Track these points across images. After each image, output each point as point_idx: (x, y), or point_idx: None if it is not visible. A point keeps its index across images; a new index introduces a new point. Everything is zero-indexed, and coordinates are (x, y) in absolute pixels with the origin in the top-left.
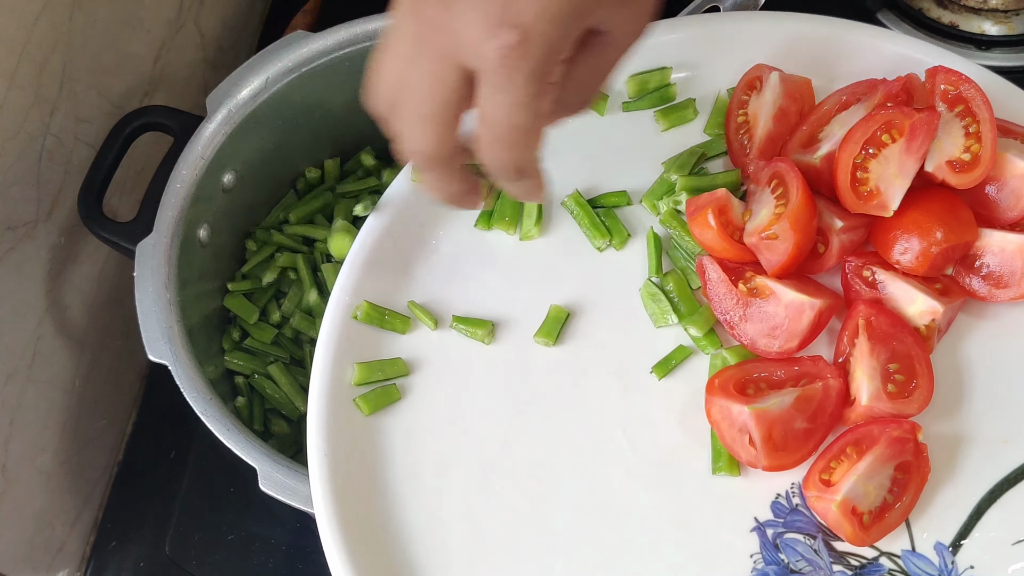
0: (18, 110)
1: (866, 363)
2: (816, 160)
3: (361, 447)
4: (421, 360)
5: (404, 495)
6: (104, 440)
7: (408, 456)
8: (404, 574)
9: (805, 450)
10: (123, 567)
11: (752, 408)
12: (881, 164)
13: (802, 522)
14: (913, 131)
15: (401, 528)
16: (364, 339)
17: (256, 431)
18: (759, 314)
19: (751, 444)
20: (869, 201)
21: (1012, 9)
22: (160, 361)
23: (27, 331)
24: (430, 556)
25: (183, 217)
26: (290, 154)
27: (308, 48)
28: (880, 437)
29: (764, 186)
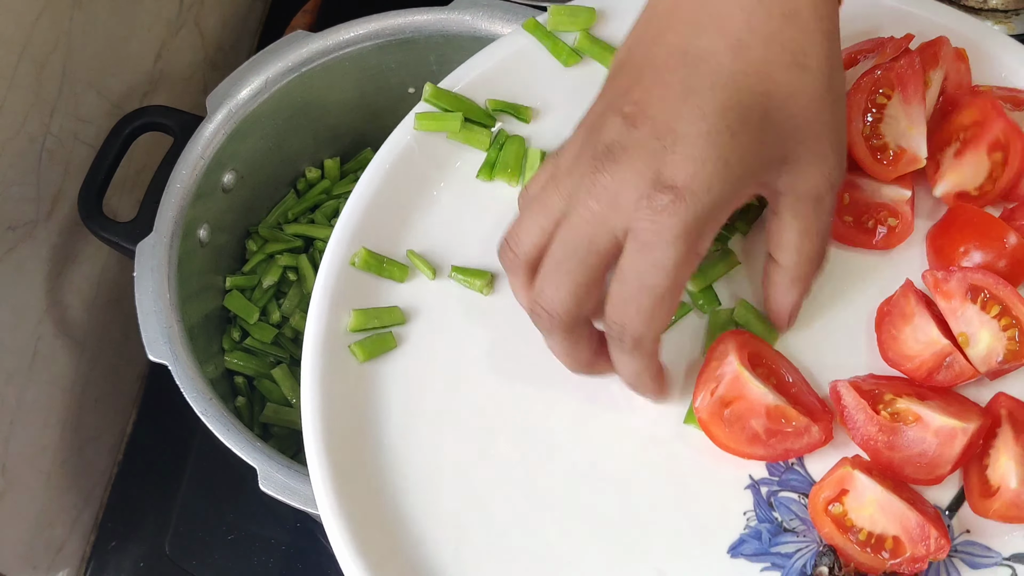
0: (18, 110)
1: (1011, 450)
2: None
3: (355, 396)
4: (418, 309)
5: (397, 446)
6: (104, 440)
7: (402, 407)
8: (395, 526)
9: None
10: (123, 567)
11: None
12: (891, 125)
13: (797, 480)
14: (901, 81)
15: (393, 480)
16: (361, 287)
17: (256, 431)
18: (904, 442)
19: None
20: (899, 162)
21: (1012, 9)
22: (160, 361)
23: (27, 331)
24: (422, 508)
25: (183, 217)
26: (290, 154)
27: (308, 48)
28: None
29: (962, 300)
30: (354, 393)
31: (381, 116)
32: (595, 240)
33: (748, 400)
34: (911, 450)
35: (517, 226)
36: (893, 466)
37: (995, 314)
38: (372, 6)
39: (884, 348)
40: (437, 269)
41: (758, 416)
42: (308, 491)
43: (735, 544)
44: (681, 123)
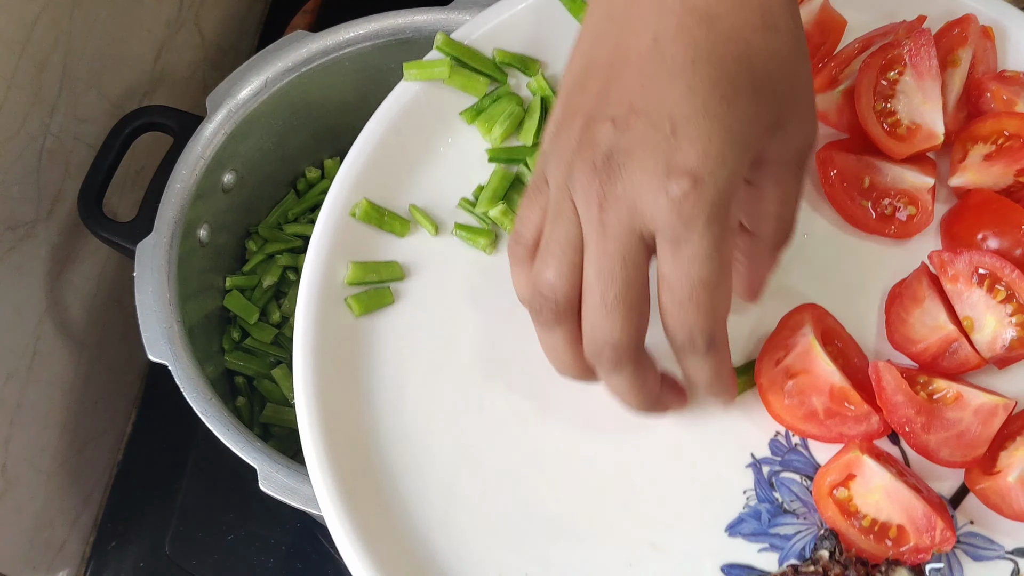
0: (18, 110)
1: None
2: (837, 95)
3: (348, 350)
4: (418, 265)
5: (390, 402)
6: (104, 440)
7: (396, 364)
8: (386, 483)
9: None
10: (123, 567)
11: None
12: (903, 100)
13: (800, 462)
14: (913, 57)
15: (385, 436)
16: (360, 239)
17: (256, 431)
18: (942, 422)
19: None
20: (913, 138)
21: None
22: (160, 361)
23: (27, 331)
24: (413, 466)
25: (183, 217)
26: (290, 154)
27: (308, 48)
28: None
29: (968, 284)
30: (347, 347)
31: None
32: (630, 255)
33: (814, 375)
34: (949, 431)
35: (541, 274)
36: (928, 448)
37: (1002, 299)
38: (372, 6)
39: (891, 330)
40: (439, 225)
41: (820, 394)
42: (308, 491)
43: (733, 523)
44: (675, 107)
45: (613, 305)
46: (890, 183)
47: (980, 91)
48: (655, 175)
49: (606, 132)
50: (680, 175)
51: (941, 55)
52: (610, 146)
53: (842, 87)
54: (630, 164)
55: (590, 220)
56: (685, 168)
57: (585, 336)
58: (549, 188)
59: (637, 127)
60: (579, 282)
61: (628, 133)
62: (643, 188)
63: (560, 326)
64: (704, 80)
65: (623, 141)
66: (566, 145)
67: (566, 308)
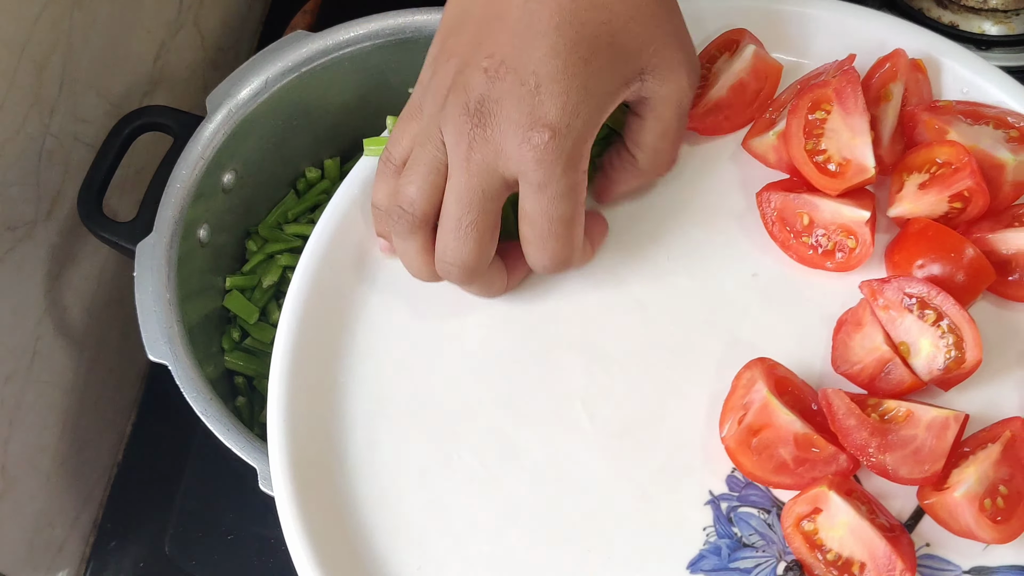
0: (18, 110)
1: (983, 468)
2: (773, 137)
3: (320, 419)
4: (390, 308)
5: (362, 457)
6: (104, 440)
7: (367, 427)
8: (358, 541)
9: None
10: (123, 567)
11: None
12: (833, 138)
13: (757, 496)
14: (840, 95)
15: (357, 491)
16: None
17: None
18: (897, 441)
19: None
20: (845, 173)
21: (1012, 9)
22: (160, 361)
23: (27, 331)
24: (386, 523)
25: (183, 217)
26: (290, 154)
27: (308, 48)
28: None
29: (900, 310)
30: (319, 420)
31: (381, 116)
32: (489, 190)
33: (776, 428)
34: (905, 449)
35: (404, 188)
36: (887, 468)
37: (932, 322)
38: (372, 6)
39: (835, 355)
40: None
41: (786, 444)
42: None
43: (694, 560)
44: (539, 65)
45: (467, 230)
46: (828, 219)
47: (913, 123)
48: (520, 126)
49: (478, 80)
50: (541, 127)
51: (875, 90)
52: (482, 93)
53: (776, 129)
54: (499, 113)
55: (457, 154)
56: (546, 121)
57: (437, 254)
58: (423, 116)
59: (507, 80)
60: (437, 202)
61: (498, 84)
62: (509, 136)
63: (414, 237)
64: (567, 42)
65: (494, 91)
66: (442, 83)
67: (422, 222)
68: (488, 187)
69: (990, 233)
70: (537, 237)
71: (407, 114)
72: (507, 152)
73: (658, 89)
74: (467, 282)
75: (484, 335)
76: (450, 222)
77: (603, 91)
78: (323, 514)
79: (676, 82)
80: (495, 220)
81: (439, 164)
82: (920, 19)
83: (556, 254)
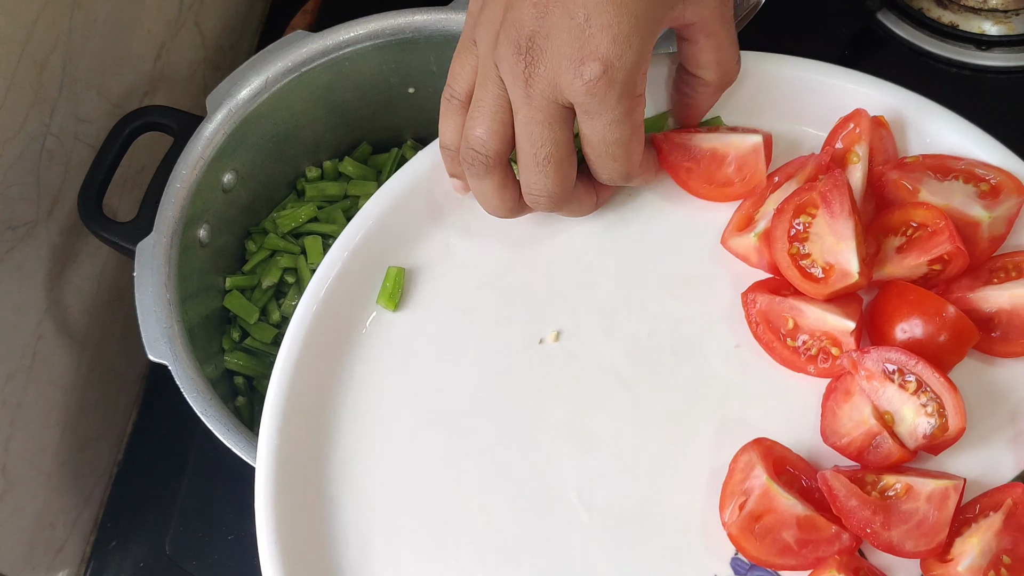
0: (18, 110)
1: (986, 538)
2: (754, 238)
3: (312, 529)
4: (385, 371)
5: (357, 571)
6: (104, 440)
7: (360, 531)
8: None
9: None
10: (123, 567)
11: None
12: (817, 242)
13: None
14: (825, 198)
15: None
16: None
17: (256, 431)
18: (900, 516)
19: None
20: (829, 278)
21: (1012, 9)
22: (160, 361)
23: (27, 331)
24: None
25: (183, 217)
26: (290, 154)
27: (308, 48)
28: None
29: (882, 380)
30: (311, 521)
31: (381, 116)
32: (555, 121)
33: (778, 513)
34: (908, 523)
35: (472, 131)
36: (893, 544)
37: (913, 390)
38: (372, 6)
39: (824, 425)
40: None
41: (789, 528)
42: None
43: None
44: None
45: (544, 163)
46: (814, 325)
47: (882, 183)
48: (571, 60)
49: (528, 15)
50: (593, 60)
51: (840, 153)
52: (532, 29)
53: (758, 230)
54: (549, 49)
55: (517, 92)
56: (597, 54)
57: (524, 189)
58: (478, 51)
59: (555, 14)
60: (508, 138)
61: (547, 19)
62: (561, 71)
63: (490, 176)
64: None
65: (543, 26)
66: (493, 18)
67: (496, 161)
68: (554, 118)
69: (970, 292)
70: (597, 158)
71: (462, 47)
72: (562, 85)
73: (701, 11)
74: (557, 208)
75: (470, 426)
76: (527, 158)
77: (651, 18)
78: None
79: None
80: (569, 146)
81: (503, 101)
82: (920, 19)
83: (616, 172)
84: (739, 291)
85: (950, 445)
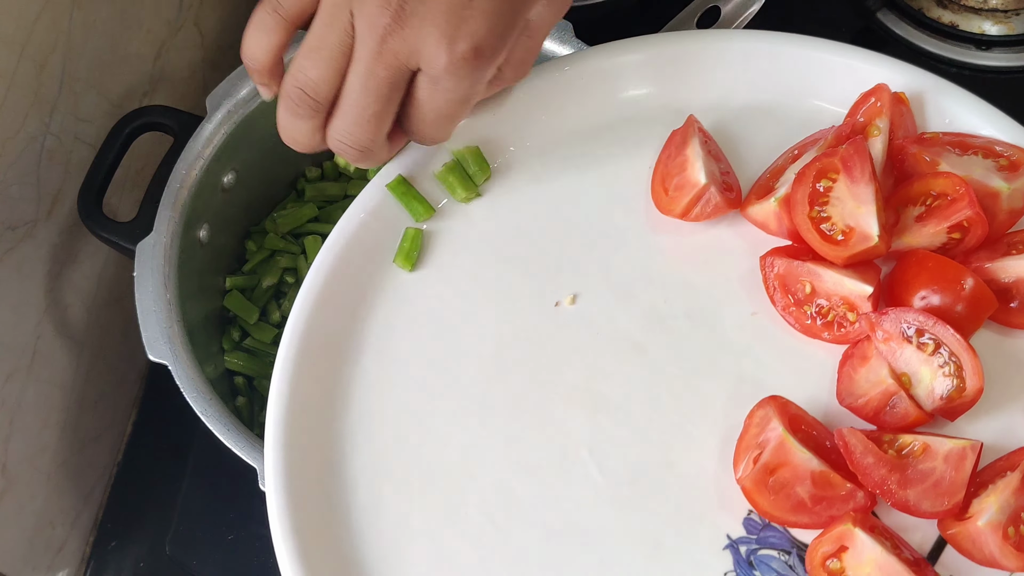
0: (18, 110)
1: (1004, 496)
2: (774, 203)
3: (320, 480)
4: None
5: (365, 528)
6: (104, 440)
7: (369, 486)
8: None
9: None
10: (123, 567)
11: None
12: (837, 206)
13: (776, 538)
14: (846, 163)
15: (363, 558)
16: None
17: (256, 431)
18: (916, 475)
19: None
20: (849, 241)
21: (1012, 9)
22: (160, 361)
23: (27, 331)
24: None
25: (183, 217)
26: (290, 154)
27: None
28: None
29: (900, 341)
30: (319, 470)
31: None
32: (397, 82)
33: (793, 467)
34: (925, 483)
35: (308, 71)
36: (909, 504)
37: (931, 351)
38: None
39: (840, 388)
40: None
41: (803, 483)
42: None
43: None
44: None
45: (370, 119)
46: (831, 289)
47: (902, 156)
48: (443, 34)
49: None
50: (466, 40)
51: (861, 126)
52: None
53: (778, 195)
54: (423, 14)
55: (368, 43)
56: (474, 38)
57: (334, 134)
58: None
59: None
60: (338, 86)
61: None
62: (429, 40)
63: (311, 120)
64: None
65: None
66: None
67: (323, 107)
68: (396, 79)
69: (988, 262)
70: (420, 120)
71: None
72: (423, 52)
73: (545, 14)
74: (358, 161)
75: (483, 384)
76: (354, 109)
77: (521, 13)
78: (325, 566)
79: (562, 6)
80: (396, 108)
81: (346, 48)
82: (920, 19)
83: (431, 136)
84: (756, 260)
85: (967, 408)
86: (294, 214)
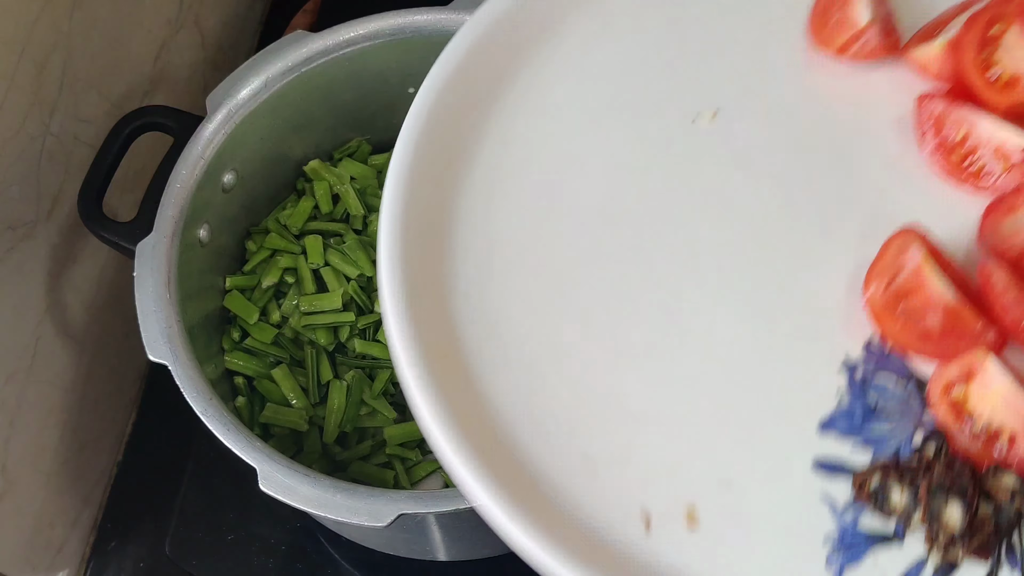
0: (18, 110)
1: None
2: (941, 45)
3: (432, 259)
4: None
5: (469, 307)
6: (104, 440)
7: (480, 266)
8: (471, 369)
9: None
10: (123, 567)
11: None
12: (1006, 54)
13: (895, 365)
14: (1021, 13)
15: (470, 328)
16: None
17: (256, 431)
18: None
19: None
20: (1016, 88)
21: None
22: (160, 361)
23: (27, 331)
24: (499, 357)
25: (183, 217)
26: (290, 154)
27: (308, 48)
28: None
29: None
30: (431, 253)
31: (381, 116)
32: None
33: (926, 295)
34: None
35: None
36: None
37: None
38: (372, 6)
39: (982, 233)
40: None
41: (935, 313)
42: (308, 491)
43: (826, 421)
44: None
45: None
46: (986, 137)
47: None
48: None
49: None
50: None
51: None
52: None
53: (943, 38)
54: None
55: None
56: None
57: None
58: None
59: None
60: None
61: None
62: None
63: None
64: None
65: None
66: None
67: None
68: None
69: None
70: None
71: None
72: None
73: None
74: None
75: (610, 186)
76: None
77: None
78: (434, 342)
79: None
80: None
81: None
82: None
83: None
84: (906, 108)
85: None
86: (294, 214)
